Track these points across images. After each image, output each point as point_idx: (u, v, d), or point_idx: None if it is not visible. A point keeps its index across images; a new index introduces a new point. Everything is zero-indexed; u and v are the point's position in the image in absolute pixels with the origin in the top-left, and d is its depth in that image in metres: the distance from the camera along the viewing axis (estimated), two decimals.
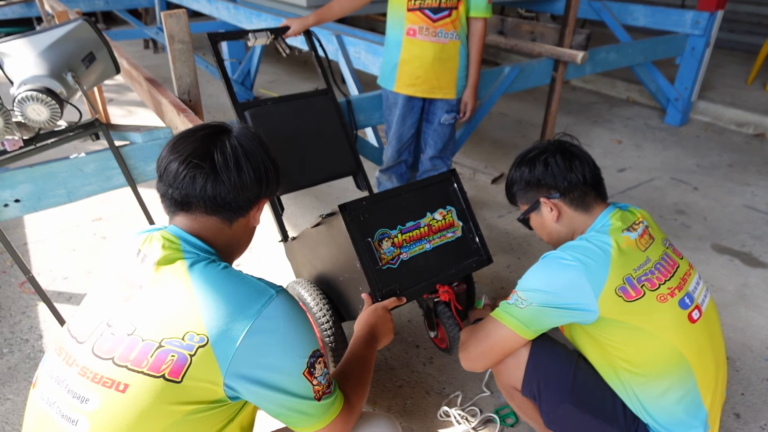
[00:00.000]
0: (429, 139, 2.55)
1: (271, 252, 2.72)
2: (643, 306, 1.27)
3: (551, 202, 1.43)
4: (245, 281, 0.99)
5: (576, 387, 1.37)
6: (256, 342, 0.93)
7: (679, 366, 1.30)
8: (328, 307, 1.77)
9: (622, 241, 1.32)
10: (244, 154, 1.05)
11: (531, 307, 1.31)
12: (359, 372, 1.23)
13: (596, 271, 1.27)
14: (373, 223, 1.63)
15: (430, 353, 2.10)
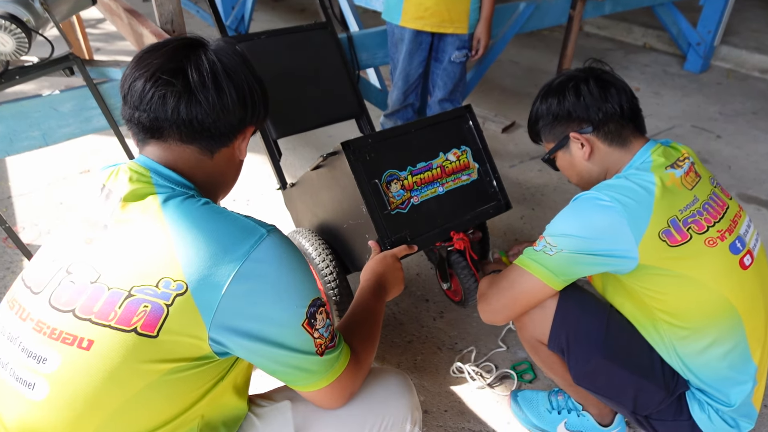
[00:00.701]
0: (438, 80, 2.35)
1: (269, 202, 2.56)
2: (689, 251, 1.12)
3: (583, 138, 1.25)
4: (230, 219, 0.84)
5: (609, 340, 1.23)
6: (245, 289, 0.78)
7: (727, 317, 1.16)
8: (332, 257, 1.62)
9: (666, 179, 1.16)
10: (224, 71, 0.88)
11: (561, 254, 1.15)
12: (367, 324, 1.10)
13: (638, 212, 1.11)
14: (380, 163, 1.46)
15: (441, 307, 1.96)
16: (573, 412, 1.49)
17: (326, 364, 0.88)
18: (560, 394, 1.54)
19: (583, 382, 1.28)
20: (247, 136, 0.97)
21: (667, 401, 1.22)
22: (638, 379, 1.22)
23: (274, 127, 1.96)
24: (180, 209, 0.82)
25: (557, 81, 1.31)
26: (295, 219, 1.95)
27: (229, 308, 0.78)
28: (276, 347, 0.82)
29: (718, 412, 1.19)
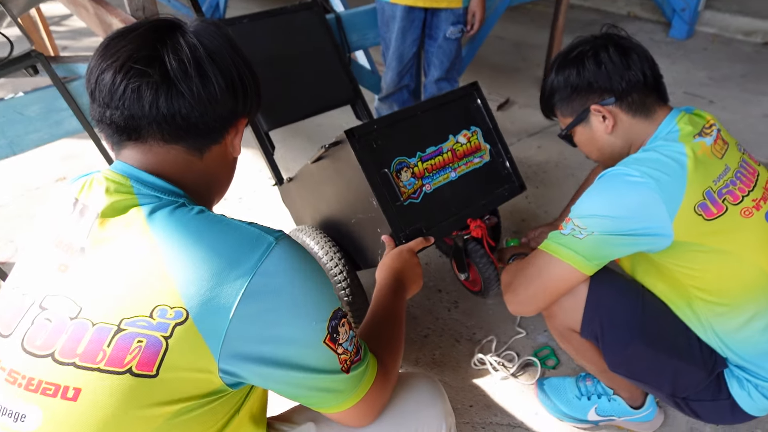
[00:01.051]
0: (433, 58, 2.24)
1: (263, 199, 2.45)
2: (725, 224, 1.05)
3: (605, 110, 1.17)
4: (232, 228, 0.72)
5: (645, 324, 1.16)
6: (257, 309, 0.68)
7: (766, 290, 1.09)
8: (340, 255, 1.52)
9: (697, 149, 1.08)
10: (208, 55, 0.76)
11: (592, 237, 1.07)
12: (390, 328, 1.00)
13: (671, 187, 1.03)
14: (388, 150, 1.36)
15: (455, 297, 1.88)
16: (603, 396, 1.43)
17: (353, 380, 0.79)
18: (588, 379, 1.48)
19: (619, 370, 1.21)
20: (240, 130, 0.86)
21: (706, 381, 1.16)
22: (677, 362, 1.15)
23: (265, 118, 1.84)
24: (170, 221, 0.71)
25: (574, 50, 1.21)
26: (294, 216, 1.84)
27: (240, 333, 0.67)
28: (297, 370, 0.72)
29: (758, 387, 1.14)
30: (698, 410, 1.21)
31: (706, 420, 1.24)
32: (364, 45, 2.31)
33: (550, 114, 1.33)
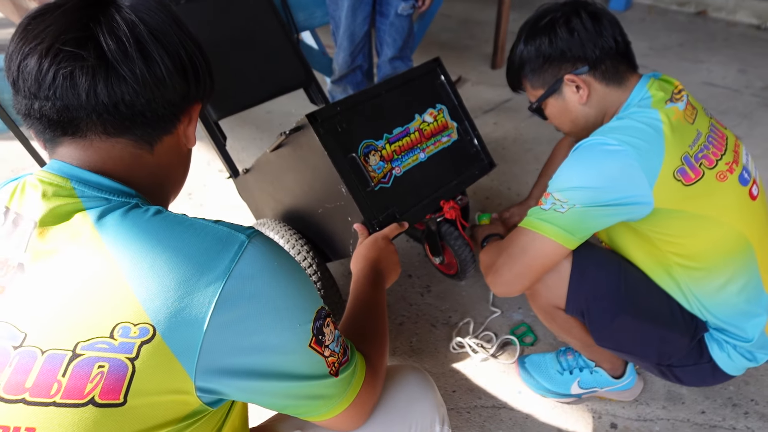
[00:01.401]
0: (386, 36, 2.16)
1: (216, 193, 2.31)
2: (703, 188, 1.05)
3: (579, 79, 1.13)
4: (197, 228, 0.63)
5: (629, 295, 1.15)
6: (234, 316, 0.60)
7: (742, 252, 1.11)
8: (308, 248, 1.44)
9: (671, 114, 1.06)
10: (150, 33, 0.66)
11: (574, 210, 1.04)
12: (373, 322, 0.94)
13: (650, 154, 1.01)
14: (354, 133, 1.28)
15: (426, 281, 1.84)
16: (585, 369, 1.43)
17: (343, 384, 0.72)
18: (569, 353, 1.47)
19: (606, 344, 1.20)
20: (194, 117, 0.76)
21: (689, 347, 1.17)
22: (662, 330, 1.16)
23: (213, 106, 1.71)
24: (123, 226, 0.62)
25: (544, 17, 1.16)
26: (254, 209, 1.73)
27: (217, 345, 0.59)
28: (283, 380, 0.65)
29: (737, 348, 1.16)
30: (681, 375, 1.22)
31: (688, 384, 1.26)
32: (312, 25, 2.20)
33: (518, 87, 1.28)
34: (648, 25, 4.19)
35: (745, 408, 1.41)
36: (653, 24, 4.20)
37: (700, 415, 1.40)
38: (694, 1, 4.45)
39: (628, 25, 4.18)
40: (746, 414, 1.40)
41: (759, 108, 2.92)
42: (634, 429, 1.37)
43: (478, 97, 3.03)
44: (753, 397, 1.44)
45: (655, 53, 3.64)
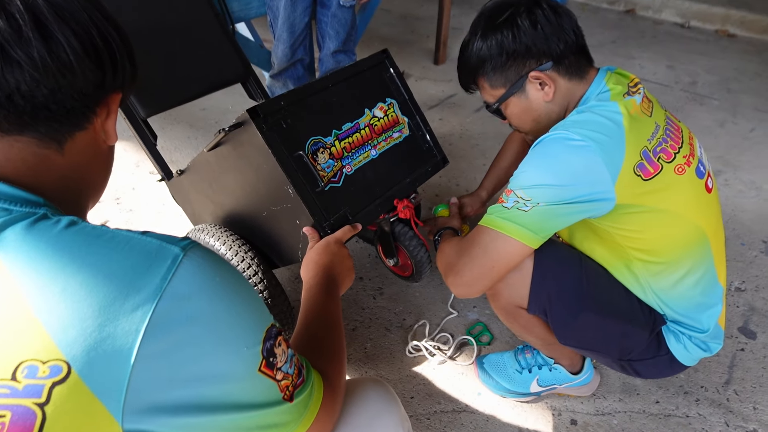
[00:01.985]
0: (328, 29, 2.06)
1: (147, 197, 2.14)
2: (662, 183, 1.03)
3: (545, 76, 1.07)
4: (120, 242, 0.54)
5: (590, 292, 1.13)
6: (169, 343, 0.51)
7: (699, 245, 1.11)
8: (252, 254, 1.33)
9: (629, 107, 1.03)
10: (51, 8, 0.56)
11: (538, 208, 0.99)
12: (329, 334, 0.86)
13: (612, 149, 0.98)
14: (300, 129, 1.18)
15: (378, 283, 1.77)
16: (544, 367, 1.41)
17: (298, 408, 0.64)
18: (527, 351, 1.45)
19: (569, 341, 1.18)
20: (113, 110, 0.65)
21: (648, 340, 1.16)
22: (623, 325, 1.14)
23: (141, 103, 1.56)
24: (28, 242, 0.51)
25: (503, 11, 1.08)
26: (190, 214, 1.60)
27: (149, 379, 0.50)
28: (230, 412, 0.56)
29: (692, 339, 1.16)
30: (639, 369, 1.21)
31: (646, 376, 1.26)
32: (248, 15, 2.07)
33: (473, 86, 1.21)
34: (582, 22, 4.23)
35: (696, 395, 1.44)
36: (587, 21, 4.32)
37: (655, 405, 1.41)
38: (623, 0, 4.63)
39: None
40: (697, 401, 1.43)
41: (688, 102, 3.05)
42: (593, 424, 1.37)
43: (423, 93, 2.99)
44: (703, 384, 1.47)
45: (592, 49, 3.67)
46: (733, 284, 1.81)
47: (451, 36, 3.66)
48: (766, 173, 2.44)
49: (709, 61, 3.61)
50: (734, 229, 2.08)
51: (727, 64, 3.59)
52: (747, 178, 2.39)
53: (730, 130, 2.79)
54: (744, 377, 1.49)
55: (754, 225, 2.10)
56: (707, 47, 3.87)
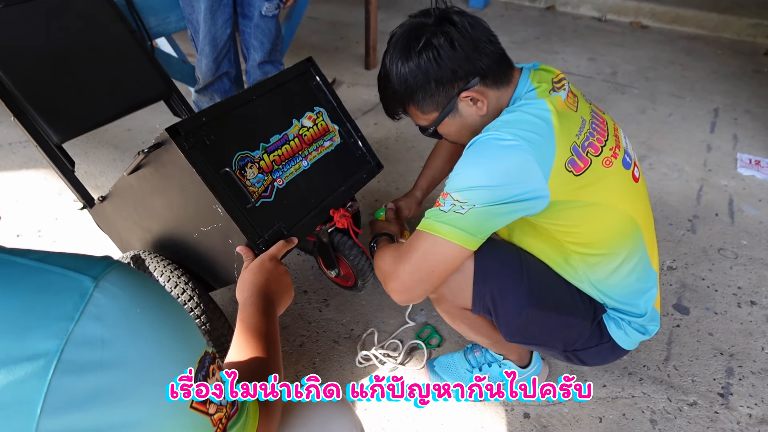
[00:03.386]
0: (252, 40, 2.01)
1: (71, 227, 2.01)
2: (592, 177, 1.05)
3: (474, 93, 1.06)
4: (12, 276, 0.46)
5: (532, 287, 1.14)
6: (81, 393, 0.45)
7: (632, 234, 1.15)
8: (186, 278, 1.27)
9: (556, 103, 1.05)
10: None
11: (474, 210, 0.99)
12: (265, 357, 0.83)
13: (543, 147, 0.99)
14: (225, 145, 1.14)
15: (323, 295, 1.73)
16: (494, 364, 1.42)
17: None
18: (476, 350, 1.46)
19: (516, 338, 1.19)
20: None
21: (590, 330, 1.19)
22: (566, 318, 1.16)
23: (54, 128, 1.46)
24: None
25: (418, 38, 1.05)
26: (118, 242, 1.51)
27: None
28: None
29: (631, 324, 1.20)
30: (584, 357, 1.24)
31: (591, 364, 1.28)
32: (167, 30, 1.99)
33: (401, 113, 1.18)
34: (506, 20, 4.43)
35: (640, 375, 1.49)
36: (511, 19, 4.45)
37: (603, 389, 1.45)
38: None
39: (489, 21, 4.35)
40: (641, 380, 1.48)
41: (611, 92, 3.19)
42: (545, 414, 1.38)
43: (356, 98, 2.98)
44: (644, 363, 1.52)
45: (516, 46, 3.85)
46: (665, 263, 1.90)
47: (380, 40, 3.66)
48: (686, 155, 2.58)
49: (627, 52, 3.80)
50: (662, 210, 2.18)
51: (643, 54, 3.79)
52: (670, 161, 2.52)
53: (651, 116, 2.94)
54: (681, 352, 1.56)
55: (679, 205, 2.21)
56: (624, 39, 4.07)
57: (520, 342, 1.20)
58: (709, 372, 1.50)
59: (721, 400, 1.43)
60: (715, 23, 4.22)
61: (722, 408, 1.40)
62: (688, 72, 3.51)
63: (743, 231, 2.08)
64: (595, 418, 1.37)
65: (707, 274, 1.86)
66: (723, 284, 1.81)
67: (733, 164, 2.51)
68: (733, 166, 2.50)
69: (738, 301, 1.74)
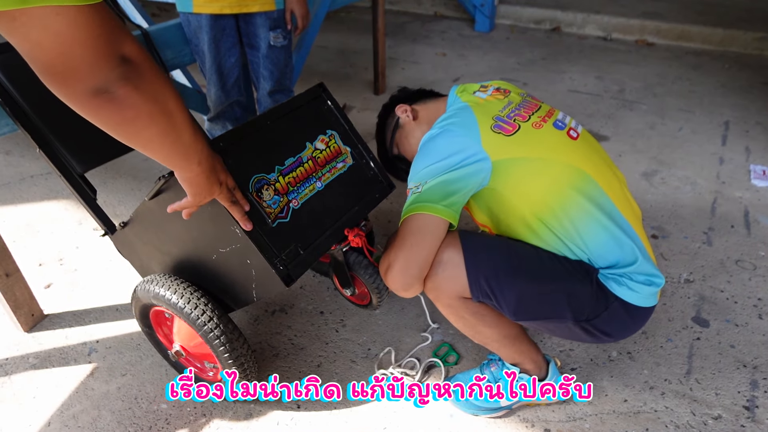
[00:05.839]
0: (261, 69, 2.06)
1: (91, 254, 2.05)
2: (524, 136, 1.22)
3: (402, 107, 1.46)
4: None
5: (522, 263, 1.20)
6: None
7: (582, 180, 1.20)
8: (205, 300, 1.29)
9: (476, 101, 1.31)
10: None
11: (428, 185, 1.17)
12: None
13: (464, 122, 1.22)
14: (242, 169, 1.17)
15: (339, 316, 1.74)
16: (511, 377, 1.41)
17: None
18: (493, 365, 1.45)
19: (521, 316, 1.22)
20: None
21: (592, 292, 1.19)
22: (563, 284, 1.19)
23: (77, 158, 1.51)
24: None
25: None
26: (138, 266, 1.54)
27: None
28: None
29: (631, 277, 1.19)
30: (603, 327, 1.22)
31: (615, 335, 1.25)
32: (182, 62, 2.06)
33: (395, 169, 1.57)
34: (512, 42, 4.50)
35: (661, 389, 1.47)
36: (517, 42, 4.52)
37: (624, 403, 1.43)
38: (548, 19, 4.87)
39: (495, 44, 4.49)
40: (663, 394, 1.45)
41: (619, 109, 3.21)
42: (566, 430, 1.37)
43: (366, 122, 3.03)
44: (666, 377, 1.50)
45: (523, 68, 3.90)
46: (682, 276, 1.88)
47: (389, 66, 3.75)
48: (698, 168, 2.57)
49: (633, 69, 3.83)
50: (676, 224, 2.17)
51: (650, 70, 3.81)
52: (681, 174, 2.52)
53: (661, 131, 2.94)
54: (703, 365, 1.54)
55: (693, 218, 2.21)
56: (629, 57, 4.11)
57: (527, 320, 1.22)
58: (732, 385, 1.48)
59: (747, 413, 1.40)
60: (721, 38, 4.24)
61: (748, 421, 1.38)
62: (696, 87, 3.53)
63: (761, 242, 2.06)
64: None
65: (726, 286, 1.84)
66: (743, 296, 1.79)
67: (747, 176, 2.50)
68: (747, 177, 2.48)
69: (759, 313, 1.72)
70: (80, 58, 0.63)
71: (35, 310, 1.73)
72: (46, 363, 1.60)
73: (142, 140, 0.79)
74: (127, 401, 1.47)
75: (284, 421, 1.40)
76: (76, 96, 0.67)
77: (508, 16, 5.00)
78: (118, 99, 0.69)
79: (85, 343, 1.66)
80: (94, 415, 1.43)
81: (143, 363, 1.59)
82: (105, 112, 0.70)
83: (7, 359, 1.61)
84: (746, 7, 4.76)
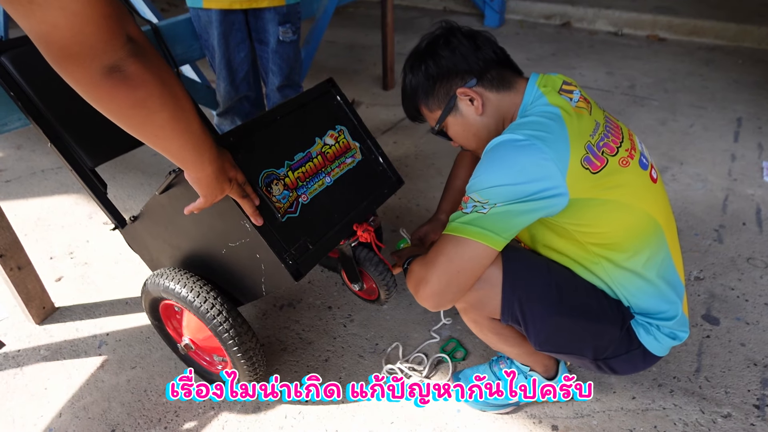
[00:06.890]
0: (270, 65, 2.07)
1: (101, 248, 2.07)
2: (609, 175, 1.06)
3: (471, 91, 1.15)
4: None
5: (560, 294, 1.14)
6: None
7: (654, 233, 1.14)
8: (215, 294, 1.30)
9: (567, 106, 1.08)
10: None
11: (496, 209, 1.01)
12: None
13: (557, 144, 1.02)
14: (252, 163, 1.18)
15: (347, 311, 1.75)
16: (520, 375, 1.41)
17: None
18: (501, 362, 1.45)
19: (545, 347, 1.18)
20: None
21: (620, 336, 1.18)
22: (595, 325, 1.15)
23: (87, 152, 1.52)
24: None
25: (423, 44, 1.21)
26: (148, 260, 1.55)
27: None
28: None
29: (661, 329, 1.18)
30: (615, 366, 1.22)
31: (622, 373, 1.26)
32: (191, 57, 2.06)
33: (417, 114, 1.29)
34: (522, 38, 4.47)
35: (670, 386, 1.46)
36: (526, 37, 4.49)
37: (632, 401, 1.43)
38: (558, 14, 4.84)
39: (504, 39, 4.45)
40: (672, 392, 1.45)
41: (630, 105, 3.18)
42: (573, 427, 1.37)
43: (375, 118, 3.03)
44: (675, 375, 1.50)
45: (533, 63, 3.88)
46: (692, 274, 1.87)
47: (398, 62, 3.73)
48: (710, 165, 2.55)
49: (644, 65, 3.80)
50: (687, 221, 2.16)
51: (661, 66, 3.78)
52: (693, 171, 2.50)
53: (672, 127, 2.92)
54: (713, 363, 1.53)
55: (704, 215, 2.19)
56: (641, 52, 4.07)
57: (549, 351, 1.19)
58: (742, 383, 1.47)
59: (757, 411, 1.39)
60: (734, 33, 4.19)
61: (758, 420, 1.37)
62: (708, 82, 3.49)
63: None
64: (625, 430, 1.35)
65: (736, 284, 1.82)
66: (754, 294, 1.78)
67: (759, 173, 2.47)
68: (759, 174, 2.46)
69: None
70: (95, 36, 0.65)
71: (46, 303, 1.75)
72: (57, 355, 1.61)
73: (153, 127, 0.80)
74: (137, 393, 1.48)
75: (292, 414, 1.41)
76: (90, 76, 0.68)
77: (518, 11, 4.97)
78: (129, 78, 0.71)
79: (95, 335, 1.68)
80: (104, 407, 1.45)
81: (153, 356, 1.60)
82: (118, 93, 0.72)
83: (19, 351, 1.63)
84: (760, 1, 4.70)
